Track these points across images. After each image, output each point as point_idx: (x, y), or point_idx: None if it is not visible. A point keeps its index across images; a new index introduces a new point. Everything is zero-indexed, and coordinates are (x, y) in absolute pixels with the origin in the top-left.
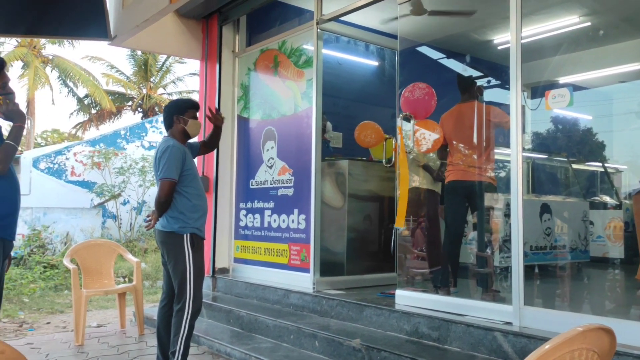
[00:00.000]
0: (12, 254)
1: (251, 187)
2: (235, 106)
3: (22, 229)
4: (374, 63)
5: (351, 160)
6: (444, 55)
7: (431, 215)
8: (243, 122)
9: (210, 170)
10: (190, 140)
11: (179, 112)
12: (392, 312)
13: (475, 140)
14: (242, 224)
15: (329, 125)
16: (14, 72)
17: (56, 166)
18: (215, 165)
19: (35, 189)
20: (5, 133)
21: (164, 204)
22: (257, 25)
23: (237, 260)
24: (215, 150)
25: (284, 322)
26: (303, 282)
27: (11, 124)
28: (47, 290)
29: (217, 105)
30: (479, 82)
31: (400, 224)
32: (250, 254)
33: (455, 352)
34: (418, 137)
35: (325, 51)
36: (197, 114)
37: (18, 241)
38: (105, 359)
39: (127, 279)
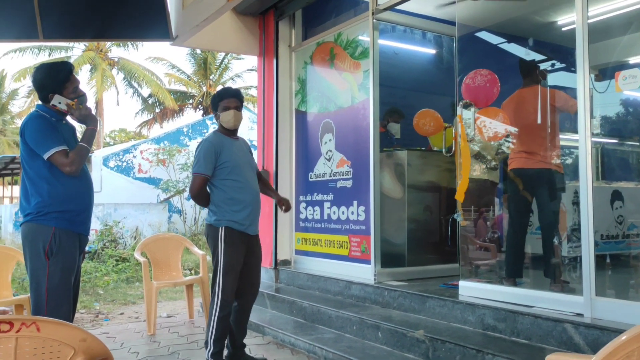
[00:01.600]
0: (87, 248)
1: (310, 179)
2: (293, 100)
3: (95, 225)
4: (431, 51)
5: (410, 151)
6: (505, 40)
7: (492, 204)
8: (301, 116)
9: (270, 164)
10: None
11: (214, 107)
12: (455, 303)
13: (538, 126)
14: (302, 216)
15: (395, 126)
16: (83, 75)
17: (124, 164)
18: (274, 159)
19: (106, 186)
20: (79, 135)
21: (196, 198)
22: (312, 18)
23: (298, 252)
24: (274, 145)
25: (346, 313)
26: (364, 273)
27: (84, 126)
28: (119, 283)
29: (275, 100)
30: (543, 66)
31: (460, 201)
32: (310, 246)
33: (523, 344)
34: (479, 125)
35: (381, 41)
36: (229, 102)
37: (92, 236)
38: (175, 347)
39: (193, 272)
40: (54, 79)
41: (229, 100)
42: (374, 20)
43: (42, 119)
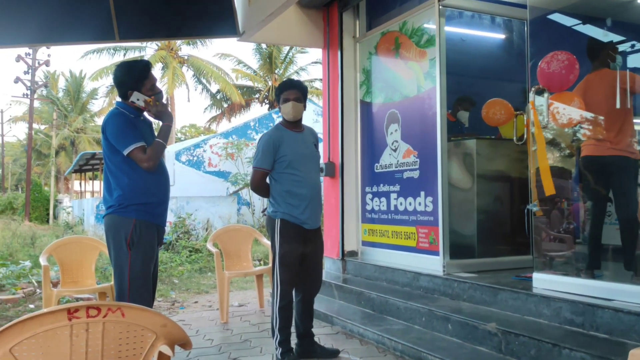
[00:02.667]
0: (163, 239)
1: (376, 170)
2: (358, 91)
3: (169, 217)
4: (500, 36)
5: (479, 140)
6: (580, 22)
7: (566, 193)
8: (366, 107)
9: (335, 155)
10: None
11: (277, 99)
12: (529, 295)
13: (607, 111)
14: (368, 207)
15: (465, 114)
16: (155, 74)
17: (195, 158)
18: (340, 150)
19: (179, 180)
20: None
21: (256, 190)
22: (376, 8)
23: (365, 243)
24: (340, 136)
25: (415, 304)
26: (432, 264)
27: (160, 122)
28: (193, 273)
29: (340, 92)
30: (622, 48)
31: (552, 193)
32: (377, 237)
33: (603, 339)
34: (552, 111)
35: (447, 28)
36: (288, 94)
37: (167, 228)
38: (247, 335)
39: (262, 262)
40: (132, 77)
41: (288, 92)
42: (440, 7)
43: (121, 116)
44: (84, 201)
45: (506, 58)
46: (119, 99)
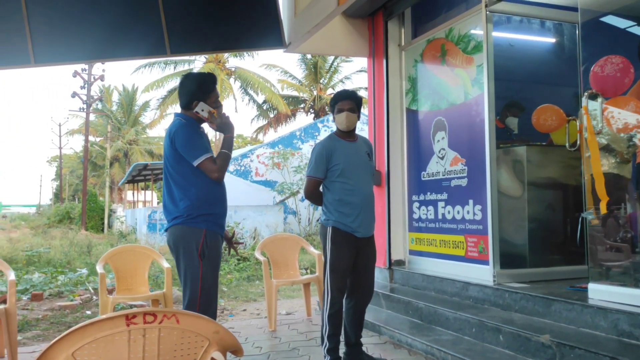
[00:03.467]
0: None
1: (423, 179)
2: (404, 99)
3: None
4: (550, 40)
5: (529, 146)
6: (634, 23)
7: (621, 201)
8: (412, 115)
9: (381, 164)
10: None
11: (331, 109)
12: (585, 307)
13: None
14: (415, 216)
15: (514, 120)
16: None
17: (242, 168)
18: (386, 159)
19: (227, 190)
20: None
21: (309, 199)
22: (422, 16)
23: (412, 252)
24: (386, 145)
25: (464, 314)
26: (482, 274)
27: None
28: (241, 281)
29: (385, 100)
30: None
31: (603, 209)
32: (425, 246)
33: None
34: (607, 116)
35: (495, 34)
36: (342, 105)
37: None
38: (295, 344)
39: (309, 271)
40: (200, 88)
41: (343, 102)
42: (487, 13)
43: (190, 127)
44: (137, 211)
45: (556, 62)
46: (177, 111)
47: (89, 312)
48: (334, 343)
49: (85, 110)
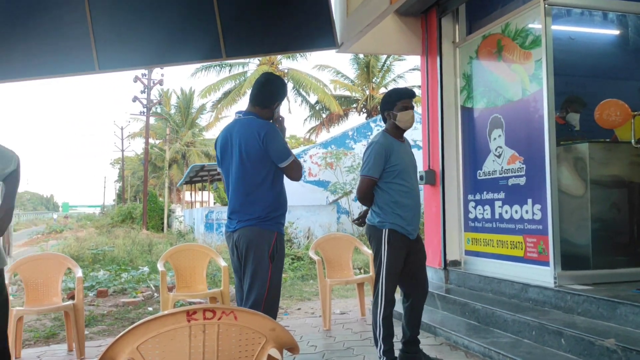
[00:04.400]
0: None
1: (479, 178)
2: (458, 97)
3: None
4: (613, 32)
5: (591, 143)
6: None
7: None
8: (467, 113)
9: (435, 163)
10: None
11: (388, 107)
12: None
13: None
14: (471, 216)
15: (575, 116)
16: None
17: None
18: (440, 158)
19: None
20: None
21: (362, 199)
22: (477, 12)
23: (468, 252)
24: (440, 143)
25: (524, 317)
26: (542, 275)
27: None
28: (295, 280)
29: (439, 98)
30: None
31: None
32: (481, 246)
33: None
34: None
35: (554, 27)
36: (407, 102)
37: None
38: (350, 343)
39: (362, 270)
40: (284, 91)
41: (407, 100)
42: (546, 6)
43: (276, 128)
44: (194, 211)
45: (620, 55)
46: (244, 109)
47: (150, 309)
48: (388, 345)
49: (145, 113)
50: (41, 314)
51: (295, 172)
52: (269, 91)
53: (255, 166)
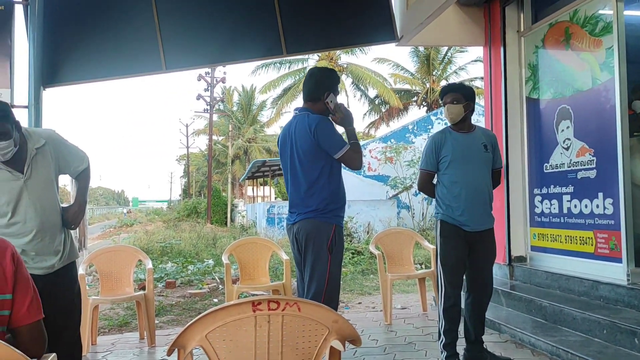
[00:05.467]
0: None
1: (545, 171)
2: (523, 88)
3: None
4: None
5: None
6: None
7: None
8: (532, 104)
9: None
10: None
11: (442, 101)
12: None
13: None
14: (537, 210)
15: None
16: None
17: None
18: (504, 150)
19: None
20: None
21: (422, 192)
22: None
23: (534, 248)
24: (504, 136)
25: (594, 315)
26: (614, 272)
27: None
28: (355, 274)
29: (503, 89)
30: None
31: None
32: (548, 242)
33: None
34: None
35: (627, 12)
36: (445, 98)
37: None
38: (411, 338)
39: (423, 266)
40: (332, 79)
41: (446, 95)
42: None
43: (327, 120)
44: (256, 205)
45: None
46: (300, 106)
47: (215, 300)
48: (450, 338)
49: (208, 111)
50: (115, 303)
51: (353, 161)
52: (314, 83)
53: (311, 160)
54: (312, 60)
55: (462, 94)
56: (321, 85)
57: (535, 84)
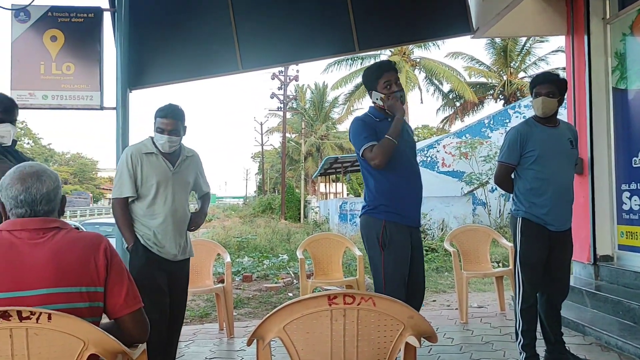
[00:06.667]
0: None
1: (634, 165)
2: (610, 78)
3: None
4: None
5: None
6: None
7: None
8: (620, 95)
9: (583, 150)
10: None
11: (530, 92)
12: None
13: None
14: (625, 207)
15: None
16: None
17: (429, 159)
18: (589, 145)
19: None
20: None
21: (500, 185)
22: None
23: (622, 247)
24: (588, 129)
25: None
26: None
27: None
28: (429, 272)
29: (587, 80)
30: None
31: None
32: (638, 240)
33: None
34: None
35: None
36: (540, 88)
37: None
38: (489, 338)
39: (501, 264)
40: (367, 78)
41: (540, 86)
42: None
43: (359, 120)
44: (329, 202)
45: None
46: (366, 105)
47: (290, 294)
48: (528, 339)
49: (282, 109)
50: (196, 295)
51: (370, 160)
52: (364, 84)
53: (359, 158)
54: (384, 55)
55: (557, 87)
56: (367, 83)
57: (623, 74)
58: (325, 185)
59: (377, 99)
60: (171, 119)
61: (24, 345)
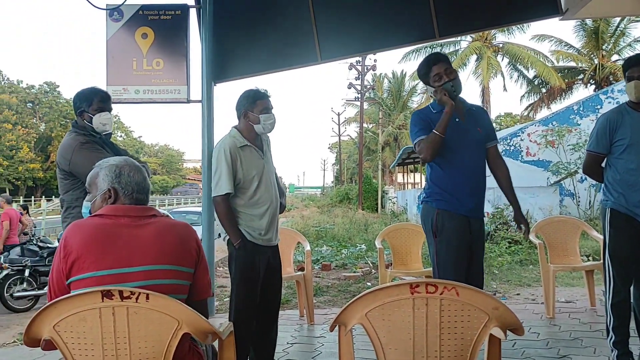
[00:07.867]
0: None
1: None
2: None
3: (486, 207)
4: None
5: None
6: None
7: None
8: None
9: None
10: None
11: (627, 74)
12: None
13: None
14: None
15: None
16: (469, 66)
17: (512, 147)
18: None
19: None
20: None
21: (589, 176)
22: None
23: None
24: None
25: None
26: None
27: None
28: (513, 264)
29: None
30: None
31: None
32: None
33: None
34: None
35: None
36: (634, 72)
37: (485, 219)
38: (577, 333)
39: (591, 258)
40: (420, 74)
41: (634, 68)
42: None
43: (415, 114)
44: (407, 192)
45: None
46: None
47: (369, 284)
48: (620, 336)
49: (359, 99)
50: None
51: (419, 154)
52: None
53: None
54: (465, 42)
55: None
56: (422, 82)
57: None
58: (403, 176)
59: (431, 94)
60: (269, 98)
61: (125, 323)
